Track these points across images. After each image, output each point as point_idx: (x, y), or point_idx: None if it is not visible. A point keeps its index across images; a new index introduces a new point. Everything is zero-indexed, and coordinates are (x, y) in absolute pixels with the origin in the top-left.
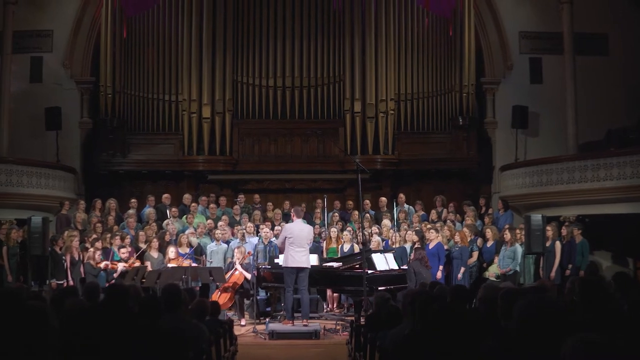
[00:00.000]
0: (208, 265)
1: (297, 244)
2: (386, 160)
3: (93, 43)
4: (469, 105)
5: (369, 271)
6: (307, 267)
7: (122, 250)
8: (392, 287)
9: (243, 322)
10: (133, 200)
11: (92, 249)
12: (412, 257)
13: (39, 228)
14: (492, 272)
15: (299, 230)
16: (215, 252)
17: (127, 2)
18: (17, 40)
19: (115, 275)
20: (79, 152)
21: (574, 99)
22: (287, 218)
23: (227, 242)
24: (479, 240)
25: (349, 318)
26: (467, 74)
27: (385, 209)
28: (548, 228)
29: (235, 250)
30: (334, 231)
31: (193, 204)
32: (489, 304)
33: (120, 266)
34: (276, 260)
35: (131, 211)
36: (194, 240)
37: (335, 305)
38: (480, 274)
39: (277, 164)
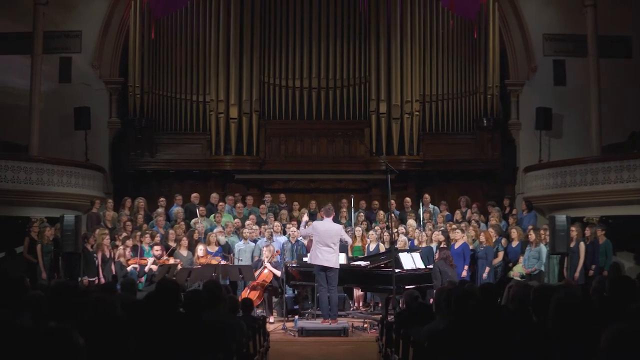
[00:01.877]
0: (236, 263)
1: (322, 243)
2: (411, 161)
3: (121, 44)
4: (494, 106)
5: (397, 270)
6: (334, 267)
7: (156, 247)
8: (418, 285)
9: (272, 319)
10: (162, 199)
11: (122, 247)
12: (437, 256)
13: (71, 226)
14: (517, 271)
15: (324, 230)
16: (243, 251)
17: (155, 4)
18: (46, 41)
19: (145, 271)
20: (108, 151)
21: (598, 101)
22: (313, 218)
23: (255, 241)
24: (504, 241)
25: (376, 316)
26: (491, 76)
27: (410, 209)
28: (572, 228)
29: (264, 248)
30: (358, 230)
31: (220, 203)
32: (520, 301)
33: (150, 262)
34: (305, 259)
35: (160, 210)
36: (222, 239)
37: (361, 304)
38: (505, 273)
39: (303, 164)
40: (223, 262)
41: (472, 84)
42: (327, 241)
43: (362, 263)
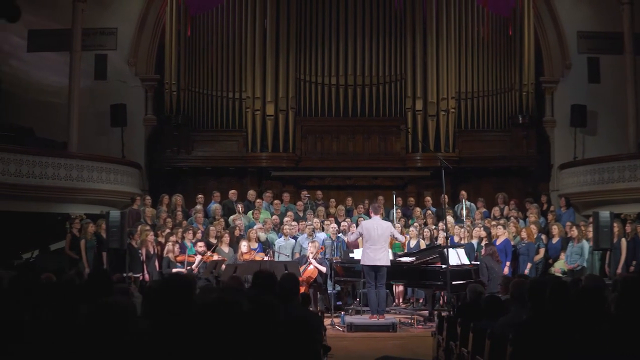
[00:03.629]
0: (275, 259)
1: (371, 241)
2: (447, 157)
3: (157, 41)
4: (529, 103)
5: (443, 266)
6: (384, 266)
7: (199, 244)
8: (466, 281)
9: None
10: (200, 196)
11: (170, 243)
12: (483, 252)
13: (117, 222)
14: (558, 267)
15: (372, 228)
16: (283, 247)
17: (191, 1)
18: (82, 38)
19: (193, 267)
20: (143, 148)
21: (635, 98)
22: (349, 214)
23: (295, 238)
24: (544, 237)
25: (422, 312)
26: (526, 73)
27: (447, 206)
28: (614, 225)
29: (310, 244)
30: (397, 227)
31: (258, 200)
32: (592, 293)
33: (198, 259)
34: (351, 255)
35: (199, 207)
36: (262, 235)
37: (401, 300)
38: (546, 270)
39: (339, 161)
40: (266, 259)
41: (507, 81)
42: (377, 239)
43: (407, 259)
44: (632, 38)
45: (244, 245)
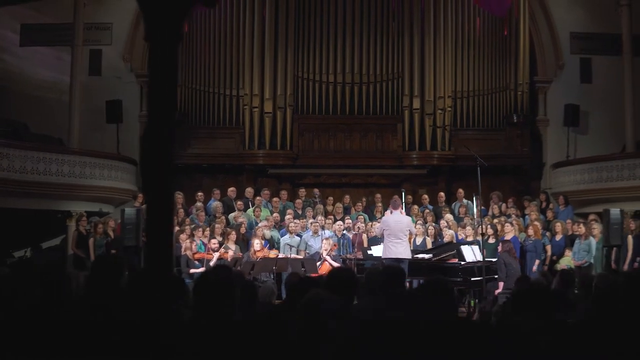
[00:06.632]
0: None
1: (394, 235)
2: (443, 156)
3: None
4: (523, 103)
5: (462, 262)
6: (405, 259)
7: (213, 241)
8: (481, 278)
9: None
10: (200, 193)
11: (187, 241)
12: (499, 249)
13: (132, 219)
14: (564, 264)
15: (394, 222)
16: (288, 245)
17: None
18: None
19: (211, 264)
20: (138, 145)
21: (633, 99)
22: (347, 212)
23: (299, 235)
24: (548, 234)
25: None
26: (521, 73)
27: (444, 204)
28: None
29: (324, 241)
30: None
31: (258, 198)
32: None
33: (216, 256)
34: (369, 252)
35: (199, 204)
36: (267, 233)
37: None
38: (551, 266)
39: (336, 159)
40: (281, 256)
41: (502, 80)
42: (399, 234)
43: (425, 256)
44: (630, 39)
45: (257, 243)
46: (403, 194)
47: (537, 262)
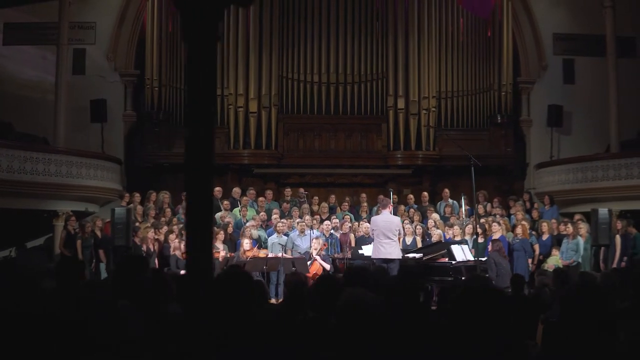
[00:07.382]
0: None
1: (384, 235)
2: (427, 156)
3: (137, 36)
4: (507, 103)
5: (452, 262)
6: (396, 259)
7: None
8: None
9: None
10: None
11: (176, 240)
12: (489, 248)
13: (122, 219)
14: (552, 263)
15: (382, 222)
16: (276, 244)
17: None
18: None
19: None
20: (123, 144)
21: (617, 99)
22: (333, 212)
23: (286, 235)
24: (534, 233)
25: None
26: (505, 73)
27: (428, 203)
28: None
29: (314, 240)
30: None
31: (244, 198)
32: None
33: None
34: (360, 251)
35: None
36: (255, 233)
37: None
38: (538, 266)
39: (321, 159)
40: (271, 255)
41: (486, 81)
42: (388, 234)
43: (416, 255)
44: (614, 40)
45: (246, 243)
46: (391, 193)
47: (530, 260)
